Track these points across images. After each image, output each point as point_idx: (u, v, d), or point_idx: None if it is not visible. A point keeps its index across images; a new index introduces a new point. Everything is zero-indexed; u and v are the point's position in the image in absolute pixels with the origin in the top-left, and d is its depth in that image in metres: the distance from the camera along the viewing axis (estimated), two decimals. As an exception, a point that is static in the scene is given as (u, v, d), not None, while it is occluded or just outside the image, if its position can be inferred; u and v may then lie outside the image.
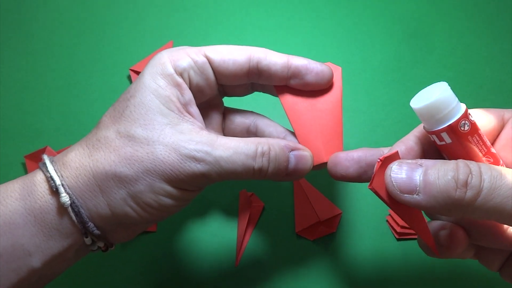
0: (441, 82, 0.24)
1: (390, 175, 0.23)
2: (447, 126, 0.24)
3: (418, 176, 0.22)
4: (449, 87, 0.24)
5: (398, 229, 0.38)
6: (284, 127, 0.32)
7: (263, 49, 0.29)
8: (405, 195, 0.22)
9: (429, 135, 0.25)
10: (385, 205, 0.25)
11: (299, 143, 0.30)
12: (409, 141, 0.27)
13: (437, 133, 0.24)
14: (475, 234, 0.26)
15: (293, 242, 0.39)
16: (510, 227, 0.23)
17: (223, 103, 0.33)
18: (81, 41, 0.46)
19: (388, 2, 0.48)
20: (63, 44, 0.46)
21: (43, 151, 0.40)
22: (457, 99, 0.24)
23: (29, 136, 0.42)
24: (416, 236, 0.38)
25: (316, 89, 0.30)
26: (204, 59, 0.28)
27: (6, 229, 0.25)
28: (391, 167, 0.23)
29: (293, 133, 0.31)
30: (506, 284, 0.37)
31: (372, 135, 0.42)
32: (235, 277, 0.38)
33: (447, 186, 0.21)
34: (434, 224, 0.27)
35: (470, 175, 0.21)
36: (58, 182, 0.25)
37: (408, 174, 0.23)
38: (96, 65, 0.45)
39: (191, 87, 0.28)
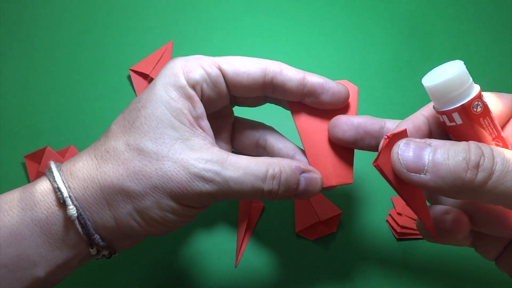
0: (456, 61, 0.23)
1: (397, 153, 0.22)
2: (460, 106, 0.22)
3: (427, 156, 0.22)
4: (464, 66, 0.23)
5: (398, 229, 0.38)
6: (293, 144, 0.32)
7: (279, 63, 0.28)
8: (412, 174, 0.22)
9: (439, 116, 0.24)
10: (385, 205, 0.25)
11: (309, 163, 0.30)
12: (417, 120, 0.26)
13: (448, 113, 0.23)
14: (479, 220, 0.25)
15: (293, 242, 0.39)
16: None
17: (233, 114, 0.32)
18: (81, 41, 0.46)
19: (388, 2, 0.48)
20: (63, 44, 0.46)
21: (43, 151, 0.40)
22: (471, 78, 0.23)
23: (29, 136, 0.42)
24: (416, 236, 0.38)
25: (332, 108, 0.29)
26: (218, 72, 0.27)
27: (12, 240, 0.24)
28: (399, 145, 0.22)
29: (302, 151, 0.31)
30: (504, 283, 0.37)
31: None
32: (235, 278, 0.38)
33: (457, 167, 0.21)
34: (436, 209, 0.27)
35: (482, 157, 0.21)
36: (65, 194, 0.25)
37: (416, 152, 0.22)
38: (96, 65, 0.45)
39: (202, 99, 0.27)
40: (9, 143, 0.42)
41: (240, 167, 0.25)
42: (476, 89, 0.23)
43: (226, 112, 0.31)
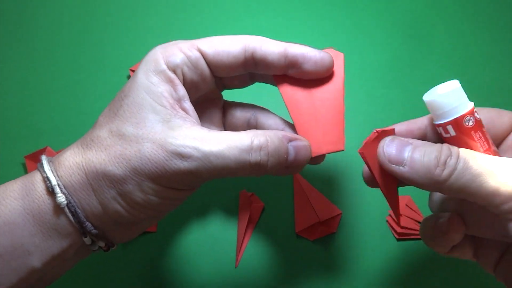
0: (454, 80, 0.26)
1: (383, 146, 0.26)
2: (453, 119, 0.26)
3: (407, 152, 0.25)
4: (460, 86, 0.26)
5: (398, 229, 0.38)
6: (284, 119, 0.31)
7: (259, 37, 0.28)
8: (393, 165, 0.25)
9: (437, 128, 0.27)
10: (385, 205, 0.25)
11: (297, 132, 0.29)
12: (413, 124, 0.29)
13: (443, 126, 0.26)
14: (470, 221, 0.27)
15: (293, 242, 0.39)
16: (503, 216, 0.24)
17: (222, 97, 0.32)
18: (81, 41, 0.46)
19: (388, 2, 0.48)
20: (63, 44, 0.46)
21: (43, 151, 0.40)
22: (465, 96, 0.26)
23: (29, 136, 0.42)
24: (415, 236, 0.38)
25: (316, 77, 0.29)
26: (197, 54, 0.27)
27: (5, 229, 0.25)
28: (386, 140, 0.26)
29: (292, 125, 0.31)
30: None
31: (372, 135, 0.42)
32: (235, 278, 0.38)
33: (429, 163, 0.24)
34: (433, 216, 0.29)
35: (449, 157, 0.24)
36: (54, 182, 0.25)
37: (399, 148, 0.25)
38: (96, 65, 0.45)
39: (185, 82, 0.27)
40: (9, 143, 0.42)
41: (221, 141, 0.25)
42: (469, 105, 0.26)
43: (214, 96, 0.31)
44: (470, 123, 0.26)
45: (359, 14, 0.47)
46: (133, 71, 0.44)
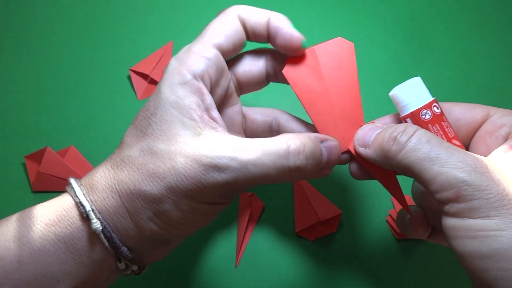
0: (416, 77, 0.28)
1: (357, 133, 0.27)
2: (410, 113, 0.27)
3: (374, 133, 0.26)
4: (421, 81, 0.28)
5: (398, 229, 0.38)
6: (303, 120, 0.31)
7: (245, 6, 0.28)
8: (360, 148, 0.27)
9: (401, 120, 0.29)
10: (385, 205, 0.26)
11: (318, 131, 0.28)
12: (386, 119, 0.30)
13: (404, 119, 0.28)
14: (429, 215, 0.29)
15: (293, 242, 0.39)
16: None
17: (241, 103, 0.31)
18: (81, 41, 0.46)
19: (388, 2, 0.48)
20: (63, 44, 0.46)
21: (43, 151, 0.40)
22: (425, 91, 0.27)
23: (29, 136, 0.42)
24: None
25: (287, 54, 0.28)
26: (214, 50, 0.26)
27: (35, 256, 0.24)
28: (363, 127, 0.28)
29: (312, 126, 0.30)
30: None
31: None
32: (235, 277, 0.38)
33: (383, 139, 0.25)
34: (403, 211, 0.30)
35: (401, 133, 0.24)
36: (88, 207, 0.24)
37: (369, 132, 0.27)
38: (96, 65, 0.45)
39: (211, 85, 0.27)
40: (9, 143, 0.42)
41: (257, 148, 0.24)
42: (428, 99, 0.27)
43: (234, 101, 0.30)
44: (427, 117, 0.27)
45: (359, 14, 0.47)
46: (133, 71, 0.44)
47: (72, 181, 0.25)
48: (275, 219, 0.40)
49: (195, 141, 0.24)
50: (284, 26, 0.28)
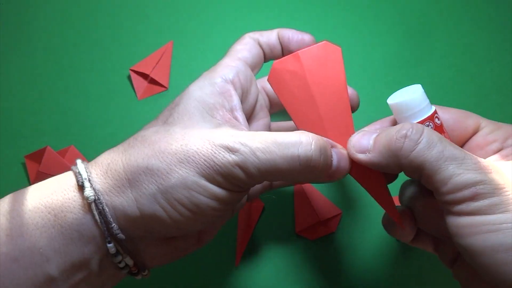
0: (417, 85, 0.27)
1: (350, 140, 0.26)
2: None
3: (372, 138, 0.25)
4: (422, 90, 0.26)
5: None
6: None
7: (256, 31, 0.31)
8: (359, 154, 0.25)
9: None
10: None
11: None
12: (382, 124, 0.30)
13: None
14: (418, 217, 0.28)
15: (293, 242, 0.39)
16: (444, 207, 0.24)
17: (269, 118, 0.33)
18: (81, 41, 0.46)
19: (388, 2, 0.48)
20: (63, 44, 0.46)
21: (43, 151, 0.40)
22: (427, 101, 0.26)
23: (29, 136, 0.42)
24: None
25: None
26: (242, 61, 0.29)
27: (24, 230, 0.23)
28: (354, 134, 0.26)
29: None
30: None
31: (372, 135, 0.42)
32: (235, 277, 0.38)
33: (389, 139, 0.24)
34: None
35: (411, 129, 0.23)
36: (84, 176, 0.24)
37: (365, 137, 0.26)
38: (96, 65, 0.45)
39: (242, 90, 0.28)
40: (9, 143, 0.42)
41: (268, 138, 0.24)
42: (430, 110, 0.26)
43: (262, 115, 0.32)
44: (430, 128, 0.26)
45: (359, 14, 0.47)
46: (133, 71, 0.44)
47: (78, 159, 0.25)
48: (275, 219, 0.40)
49: (212, 130, 0.25)
50: (293, 33, 0.30)
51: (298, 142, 0.24)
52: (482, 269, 0.22)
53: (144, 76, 0.44)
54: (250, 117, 0.31)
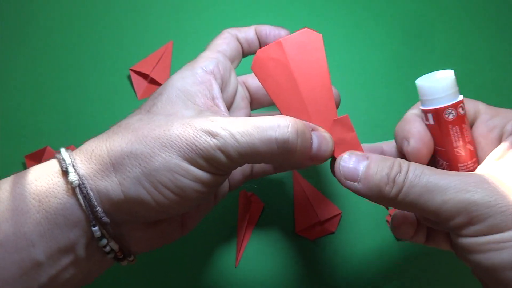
0: (449, 70, 0.26)
1: (339, 163, 0.26)
2: (434, 109, 0.26)
3: (361, 168, 0.25)
4: (454, 76, 0.26)
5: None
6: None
7: (234, 28, 0.32)
8: (348, 181, 0.26)
9: (421, 112, 0.28)
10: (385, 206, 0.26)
11: None
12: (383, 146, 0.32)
13: (425, 112, 0.27)
14: (419, 216, 0.29)
15: (293, 242, 0.39)
16: (451, 232, 0.24)
17: (249, 109, 0.34)
18: (81, 41, 0.46)
19: (388, 2, 0.48)
20: (63, 44, 0.46)
21: (43, 151, 0.40)
22: (455, 89, 0.26)
23: (29, 136, 0.43)
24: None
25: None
26: (221, 53, 0.30)
27: (8, 215, 0.23)
28: (343, 156, 0.27)
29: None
30: None
31: (372, 135, 0.42)
32: (235, 278, 0.38)
33: (381, 181, 0.25)
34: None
35: (398, 174, 0.24)
36: (68, 161, 0.24)
37: (355, 165, 0.26)
38: (96, 65, 0.45)
39: (222, 81, 0.29)
40: (9, 143, 0.42)
41: (247, 122, 0.25)
42: (456, 99, 0.26)
43: (242, 105, 0.33)
44: (451, 116, 0.26)
45: (359, 14, 0.47)
46: (133, 71, 0.44)
47: (62, 148, 0.26)
48: (275, 219, 0.40)
49: (194, 116, 0.26)
50: (271, 28, 0.32)
51: (276, 125, 0.25)
52: (491, 284, 0.23)
53: (144, 76, 0.44)
54: (230, 107, 0.32)
